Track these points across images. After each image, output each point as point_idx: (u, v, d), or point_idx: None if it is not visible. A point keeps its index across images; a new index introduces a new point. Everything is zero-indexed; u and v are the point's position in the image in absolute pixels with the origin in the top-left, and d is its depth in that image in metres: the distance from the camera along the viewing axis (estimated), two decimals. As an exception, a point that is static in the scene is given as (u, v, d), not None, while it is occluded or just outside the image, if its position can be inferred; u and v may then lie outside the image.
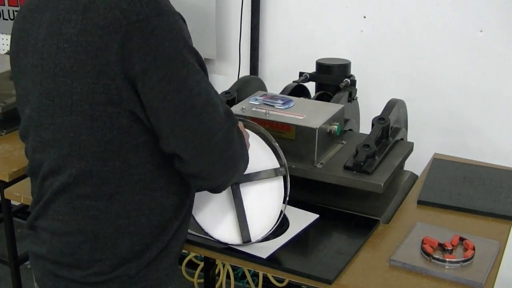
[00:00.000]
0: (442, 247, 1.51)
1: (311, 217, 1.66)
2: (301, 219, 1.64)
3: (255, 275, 2.94)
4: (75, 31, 1.21)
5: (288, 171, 1.53)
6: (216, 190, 1.40)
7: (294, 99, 1.87)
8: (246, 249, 1.52)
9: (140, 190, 1.29)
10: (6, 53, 2.72)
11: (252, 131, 1.57)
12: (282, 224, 1.61)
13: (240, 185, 1.52)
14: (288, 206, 1.69)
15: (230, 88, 2.04)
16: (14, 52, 1.36)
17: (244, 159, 1.38)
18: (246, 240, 1.51)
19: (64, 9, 1.24)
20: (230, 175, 1.34)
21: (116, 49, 1.17)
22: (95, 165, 1.25)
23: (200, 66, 1.25)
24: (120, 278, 1.31)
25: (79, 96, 1.21)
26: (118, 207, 1.28)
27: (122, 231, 1.30)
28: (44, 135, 1.29)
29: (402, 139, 1.97)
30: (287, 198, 1.53)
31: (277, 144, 1.55)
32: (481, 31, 2.33)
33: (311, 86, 2.20)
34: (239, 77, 2.51)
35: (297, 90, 2.13)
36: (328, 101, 2.01)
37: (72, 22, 1.22)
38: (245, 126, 1.53)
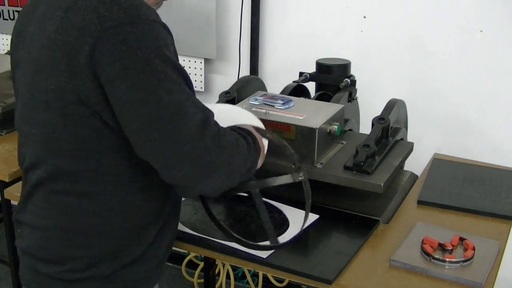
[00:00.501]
0: (442, 247, 1.51)
1: (311, 217, 1.66)
2: (301, 219, 1.64)
3: (255, 275, 2.94)
4: (54, 29, 1.22)
5: (306, 176, 1.49)
6: (204, 196, 1.40)
7: (294, 99, 1.87)
8: (246, 249, 1.52)
9: (114, 191, 1.29)
10: (6, 53, 2.72)
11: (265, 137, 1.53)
12: (282, 224, 1.61)
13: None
14: (288, 207, 1.69)
15: (230, 88, 2.04)
16: (13, 46, 1.39)
17: (230, 166, 1.30)
18: (274, 243, 1.50)
19: (53, 6, 1.25)
20: (210, 183, 1.28)
21: (88, 52, 1.17)
22: (68, 162, 1.26)
23: (180, 74, 1.23)
24: (94, 278, 1.32)
25: (53, 93, 1.23)
26: (91, 206, 1.29)
27: (95, 230, 1.30)
28: (26, 129, 1.32)
29: (402, 139, 1.97)
30: (310, 201, 1.50)
31: (292, 151, 1.51)
32: (481, 31, 2.33)
33: (311, 86, 2.20)
34: (239, 77, 2.51)
35: (297, 90, 2.13)
36: (328, 101, 2.01)
37: (53, 20, 1.23)
38: (261, 134, 1.49)
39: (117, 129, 1.23)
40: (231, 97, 1.99)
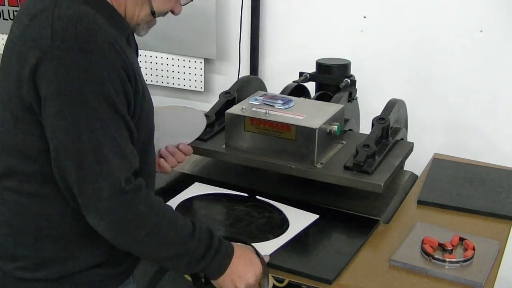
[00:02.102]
0: (442, 247, 1.51)
1: (311, 217, 1.66)
2: (301, 219, 1.64)
3: (255, 275, 2.93)
4: (18, 34, 1.24)
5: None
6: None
7: (294, 99, 1.87)
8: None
9: (61, 197, 1.26)
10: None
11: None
12: (282, 224, 1.61)
13: None
14: (288, 207, 1.69)
15: (230, 88, 2.04)
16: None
17: (140, 228, 1.22)
18: None
19: (27, 10, 1.26)
20: (118, 236, 1.22)
21: (33, 65, 1.18)
22: (18, 163, 1.26)
23: (114, 114, 1.19)
24: (44, 280, 1.30)
25: (7, 96, 1.25)
26: (39, 208, 1.28)
27: (43, 232, 1.29)
28: None
29: (402, 139, 1.97)
30: None
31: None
32: (481, 31, 2.33)
33: (311, 86, 2.20)
34: (239, 77, 2.52)
35: (297, 90, 2.13)
36: (328, 101, 2.01)
37: (20, 25, 1.24)
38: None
39: None
40: (231, 97, 1.99)
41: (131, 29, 1.35)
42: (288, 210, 1.68)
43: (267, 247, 1.52)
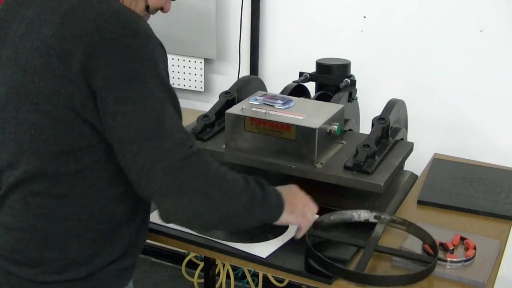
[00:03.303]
0: (443, 247, 1.51)
1: None
2: None
3: (255, 275, 2.94)
4: (51, 33, 1.23)
5: None
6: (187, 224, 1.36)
7: (294, 99, 1.87)
8: (246, 248, 1.52)
9: (92, 195, 1.30)
10: None
11: None
12: (281, 226, 1.61)
13: None
14: None
15: (230, 88, 2.04)
16: None
17: (208, 194, 1.27)
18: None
19: (48, 10, 1.26)
20: (186, 205, 1.25)
21: (83, 60, 1.19)
22: (50, 164, 1.26)
23: (168, 93, 1.26)
24: (70, 281, 1.32)
25: (45, 96, 1.24)
26: (69, 208, 1.29)
27: (71, 233, 1.30)
28: (6, 128, 1.31)
29: (402, 139, 1.97)
30: None
31: None
32: (481, 31, 2.33)
33: (311, 86, 2.20)
34: (239, 77, 2.51)
35: (297, 90, 2.13)
36: (328, 101, 2.01)
37: (50, 24, 1.24)
38: None
39: (104, 137, 1.25)
40: (231, 97, 1.99)
41: None
42: None
43: (267, 247, 1.52)
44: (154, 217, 1.40)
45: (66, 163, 1.26)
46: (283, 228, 1.60)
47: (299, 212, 1.46)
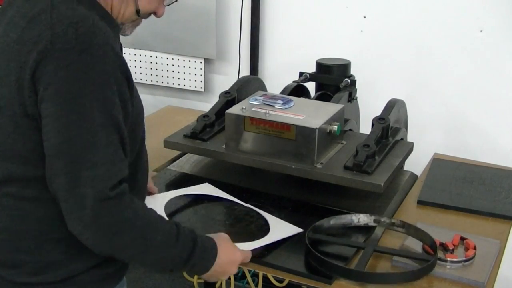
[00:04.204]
0: (443, 247, 1.51)
1: (293, 230, 1.59)
2: (282, 231, 1.58)
3: (255, 275, 2.93)
4: (15, 37, 1.22)
5: None
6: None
7: (294, 99, 1.87)
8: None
9: None
10: None
11: None
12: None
13: None
14: (273, 217, 1.65)
15: (230, 88, 2.04)
16: None
17: (123, 248, 1.22)
18: None
19: (21, 13, 1.24)
20: (99, 240, 1.20)
21: (34, 68, 1.17)
22: (19, 168, 1.24)
23: (108, 120, 1.18)
24: (45, 283, 1.29)
25: (6, 101, 1.22)
26: (42, 212, 1.27)
27: (44, 236, 1.28)
28: None
29: (402, 139, 1.97)
30: None
31: None
32: (481, 31, 2.33)
33: (311, 86, 2.20)
34: (239, 77, 2.51)
35: (297, 90, 2.13)
36: (328, 101, 2.01)
37: (17, 28, 1.22)
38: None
39: None
40: (231, 97, 1.99)
41: None
42: (272, 220, 1.64)
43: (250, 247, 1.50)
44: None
45: (34, 168, 1.24)
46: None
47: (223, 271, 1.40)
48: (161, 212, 1.58)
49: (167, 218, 1.35)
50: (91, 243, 1.21)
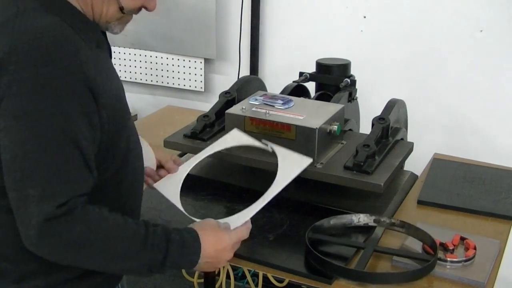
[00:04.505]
0: (443, 246, 1.51)
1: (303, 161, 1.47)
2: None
3: (255, 275, 2.94)
4: None
5: None
6: None
7: (294, 99, 1.87)
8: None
9: None
10: None
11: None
12: (282, 224, 1.60)
13: None
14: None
15: (230, 88, 2.04)
16: None
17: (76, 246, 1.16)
18: None
19: None
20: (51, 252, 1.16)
21: None
22: None
23: (68, 134, 1.13)
24: None
25: None
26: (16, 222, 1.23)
27: (23, 245, 1.22)
28: None
29: (402, 139, 1.97)
30: None
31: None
32: (481, 31, 2.33)
33: (311, 86, 2.20)
34: (239, 77, 2.52)
35: (297, 90, 2.13)
36: (328, 101, 2.01)
37: None
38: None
39: None
40: (231, 97, 1.99)
41: (104, 28, 1.29)
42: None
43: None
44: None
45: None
46: (280, 227, 1.59)
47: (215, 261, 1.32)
48: (176, 193, 1.52)
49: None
50: (48, 258, 1.18)
